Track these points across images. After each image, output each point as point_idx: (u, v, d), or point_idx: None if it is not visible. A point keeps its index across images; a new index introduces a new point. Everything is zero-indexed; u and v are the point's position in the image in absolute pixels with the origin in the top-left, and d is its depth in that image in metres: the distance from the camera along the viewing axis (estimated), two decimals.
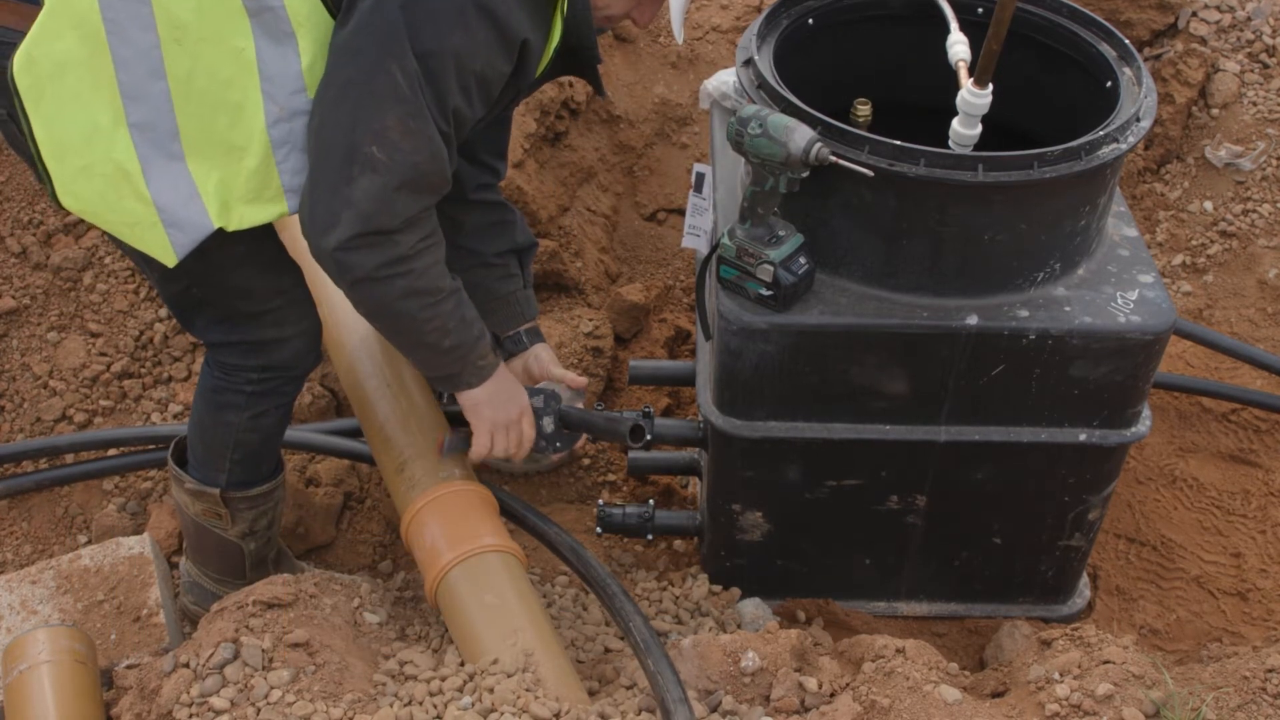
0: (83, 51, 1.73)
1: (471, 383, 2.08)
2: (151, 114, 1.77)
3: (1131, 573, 2.69)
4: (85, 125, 1.77)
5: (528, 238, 2.37)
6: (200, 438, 2.20)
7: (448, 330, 1.96)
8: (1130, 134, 1.99)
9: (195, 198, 1.82)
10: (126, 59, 1.74)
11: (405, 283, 1.86)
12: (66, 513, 2.78)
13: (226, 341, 2.08)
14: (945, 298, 2.05)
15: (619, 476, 2.90)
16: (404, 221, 1.81)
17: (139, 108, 1.77)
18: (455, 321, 1.97)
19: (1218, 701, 1.79)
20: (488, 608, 1.98)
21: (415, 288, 1.88)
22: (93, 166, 1.79)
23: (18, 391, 2.91)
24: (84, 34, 1.72)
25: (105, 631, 2.24)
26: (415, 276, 1.87)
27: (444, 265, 1.95)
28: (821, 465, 2.25)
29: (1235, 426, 2.87)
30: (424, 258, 1.87)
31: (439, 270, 1.92)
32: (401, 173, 1.77)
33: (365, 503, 2.79)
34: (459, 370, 2.05)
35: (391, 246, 1.82)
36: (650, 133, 3.51)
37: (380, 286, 1.85)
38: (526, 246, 2.37)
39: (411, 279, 1.87)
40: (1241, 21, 3.29)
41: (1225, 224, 3.10)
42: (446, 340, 1.97)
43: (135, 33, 1.72)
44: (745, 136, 1.92)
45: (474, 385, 2.08)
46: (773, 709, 1.89)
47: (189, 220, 1.83)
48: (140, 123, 1.77)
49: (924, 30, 2.20)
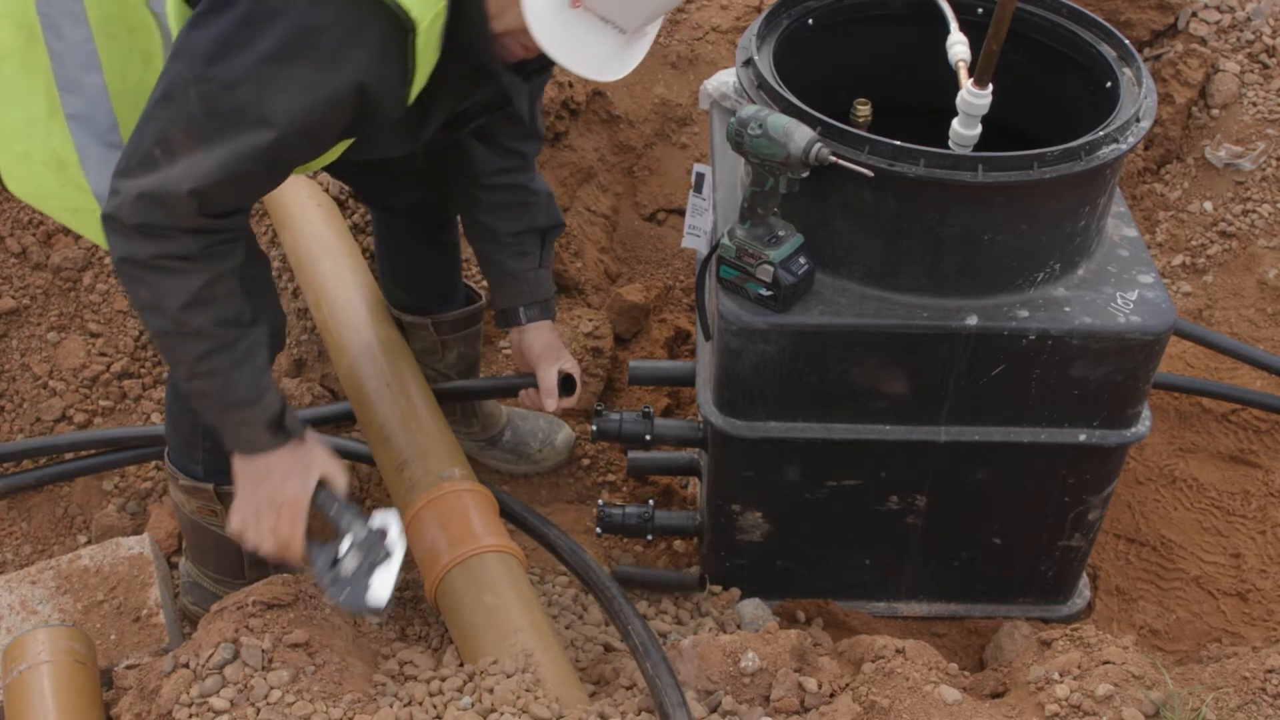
0: (17, 41, 1.75)
1: (233, 445, 1.88)
2: (88, 106, 1.79)
3: (1131, 573, 2.69)
4: (22, 114, 1.79)
5: (550, 219, 2.30)
6: (173, 426, 2.21)
7: (196, 373, 1.78)
8: (1130, 134, 1.99)
9: None
10: (60, 52, 1.76)
11: (146, 291, 1.71)
12: (66, 513, 2.78)
13: None
14: (945, 298, 2.05)
15: (619, 477, 2.90)
16: (138, 225, 1.65)
17: (75, 99, 1.79)
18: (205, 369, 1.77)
19: (1217, 702, 1.79)
20: (487, 608, 1.98)
21: (153, 303, 1.72)
22: (31, 154, 1.81)
23: (18, 391, 2.91)
24: (18, 24, 1.74)
25: (105, 631, 2.24)
26: (154, 290, 1.71)
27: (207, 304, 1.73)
28: (821, 465, 2.25)
29: (1235, 427, 2.87)
30: (162, 278, 1.70)
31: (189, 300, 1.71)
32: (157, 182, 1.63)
33: (365, 503, 2.79)
34: (213, 422, 1.86)
35: (128, 243, 1.68)
36: (650, 133, 3.51)
37: (126, 280, 1.73)
38: (548, 227, 2.30)
39: (152, 290, 1.71)
40: (1241, 22, 3.29)
41: (1225, 224, 3.10)
42: (192, 384, 1.81)
43: (68, 27, 1.74)
44: (745, 137, 1.92)
45: (234, 449, 1.88)
46: (772, 709, 1.89)
47: None
48: (77, 114, 1.79)
49: (924, 30, 2.20)
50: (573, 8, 1.65)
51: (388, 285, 2.58)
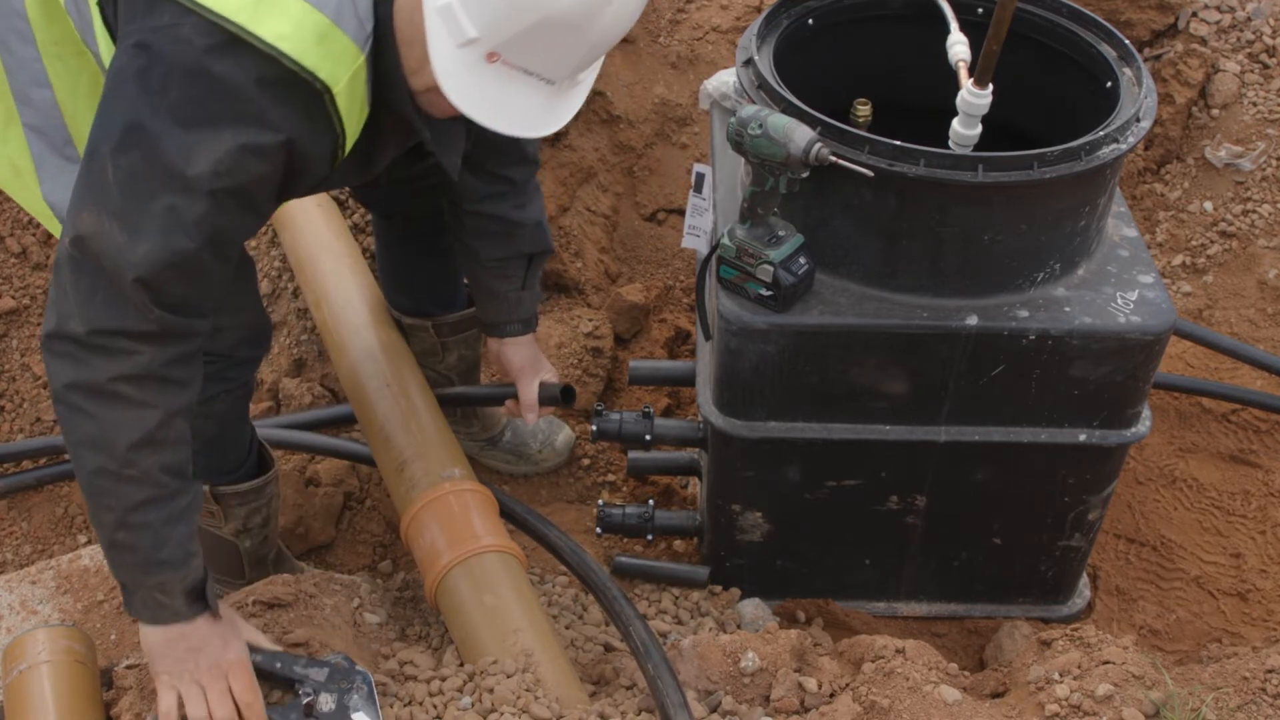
0: None
1: (142, 613, 1.69)
2: (42, 119, 1.81)
3: (1131, 573, 2.69)
4: None
5: (538, 246, 2.28)
6: None
7: (126, 524, 1.60)
8: (1130, 134, 1.99)
9: None
10: (12, 67, 1.79)
11: (91, 426, 1.56)
12: (66, 513, 2.78)
13: None
14: (945, 298, 2.05)
15: (619, 477, 2.90)
16: (90, 331, 1.52)
17: (30, 111, 1.81)
18: (138, 521, 1.60)
19: (1217, 702, 1.79)
20: (487, 608, 1.98)
21: (98, 439, 1.56)
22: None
23: (18, 391, 2.91)
24: None
25: (105, 631, 2.24)
26: (102, 425, 1.55)
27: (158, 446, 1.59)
28: (821, 465, 2.25)
29: (1235, 427, 2.86)
30: (114, 410, 1.55)
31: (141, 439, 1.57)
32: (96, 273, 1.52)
33: (365, 503, 2.79)
34: (128, 582, 1.68)
35: (81, 366, 1.53)
36: (650, 133, 3.51)
37: (67, 412, 1.56)
38: (534, 254, 2.29)
39: (99, 425, 1.55)
40: (1241, 22, 3.29)
41: (1225, 224, 3.10)
42: (119, 534, 1.62)
43: (16, 44, 1.77)
44: (745, 137, 1.92)
45: (143, 619, 1.69)
46: (772, 709, 1.89)
47: None
48: (33, 124, 1.81)
49: (924, 30, 2.19)
50: (489, 63, 1.53)
51: (388, 288, 2.58)
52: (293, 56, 1.49)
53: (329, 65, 1.52)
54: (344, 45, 1.53)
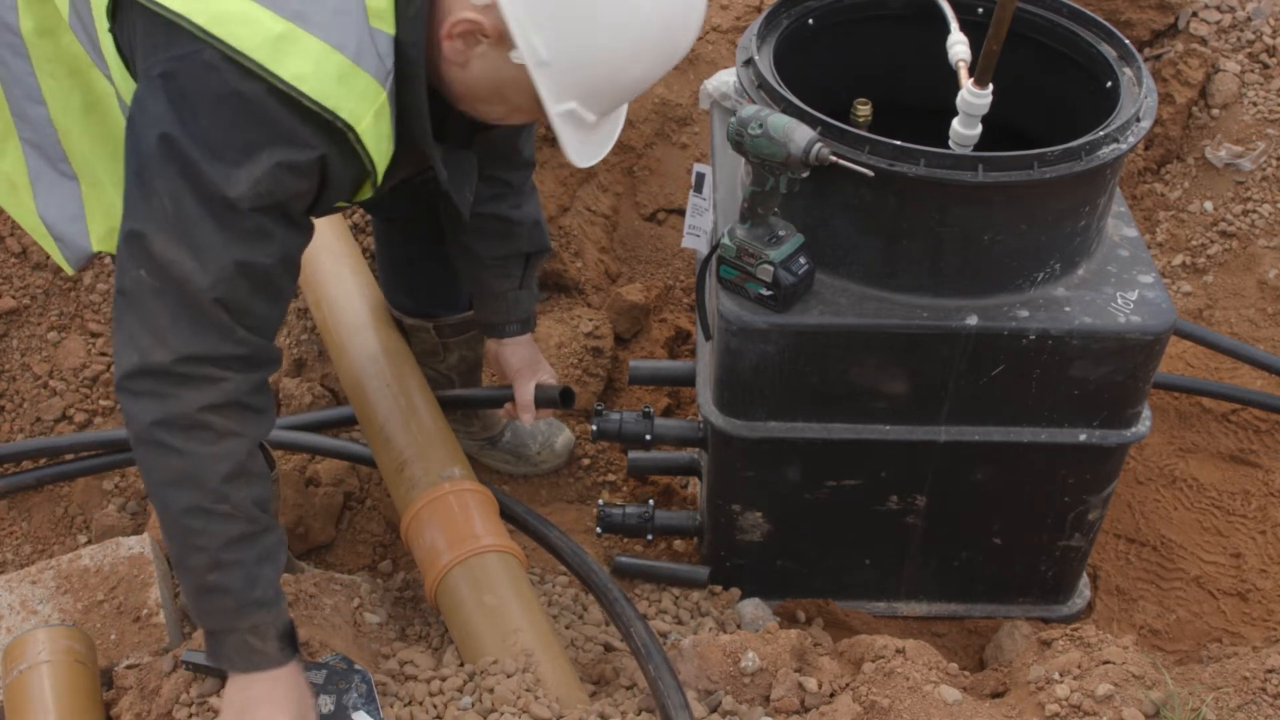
0: None
1: (234, 661, 1.65)
2: (38, 135, 1.82)
3: (1131, 573, 2.69)
4: None
5: (536, 244, 2.30)
6: None
7: (220, 563, 1.59)
8: (1130, 134, 1.99)
9: (79, 219, 1.86)
10: (8, 81, 1.79)
11: (178, 463, 1.55)
12: (66, 513, 2.78)
13: None
14: (945, 298, 2.05)
15: (619, 476, 2.90)
16: (177, 359, 1.53)
17: (27, 127, 1.82)
18: (232, 559, 1.59)
19: (1218, 702, 1.79)
20: (487, 608, 1.98)
21: (187, 475, 1.56)
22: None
23: (18, 391, 2.91)
24: None
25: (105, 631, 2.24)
26: (192, 461, 1.55)
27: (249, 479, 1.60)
28: (821, 465, 2.25)
29: (1235, 427, 2.86)
30: (203, 444, 1.55)
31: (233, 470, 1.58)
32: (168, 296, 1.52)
33: (365, 503, 2.79)
34: (219, 628, 1.65)
35: (168, 400, 1.53)
36: (650, 133, 3.50)
37: (154, 453, 1.55)
38: (532, 252, 2.32)
39: (188, 461, 1.55)
40: (1241, 21, 3.29)
41: (1225, 224, 3.10)
42: (212, 575, 1.60)
43: (11, 59, 1.77)
44: (745, 136, 1.92)
45: (235, 667, 1.66)
46: (773, 709, 1.89)
47: (71, 240, 1.87)
48: (31, 139, 1.82)
49: (924, 30, 2.19)
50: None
51: (389, 288, 2.58)
52: (313, 97, 1.48)
53: (350, 104, 1.52)
54: (365, 83, 1.53)
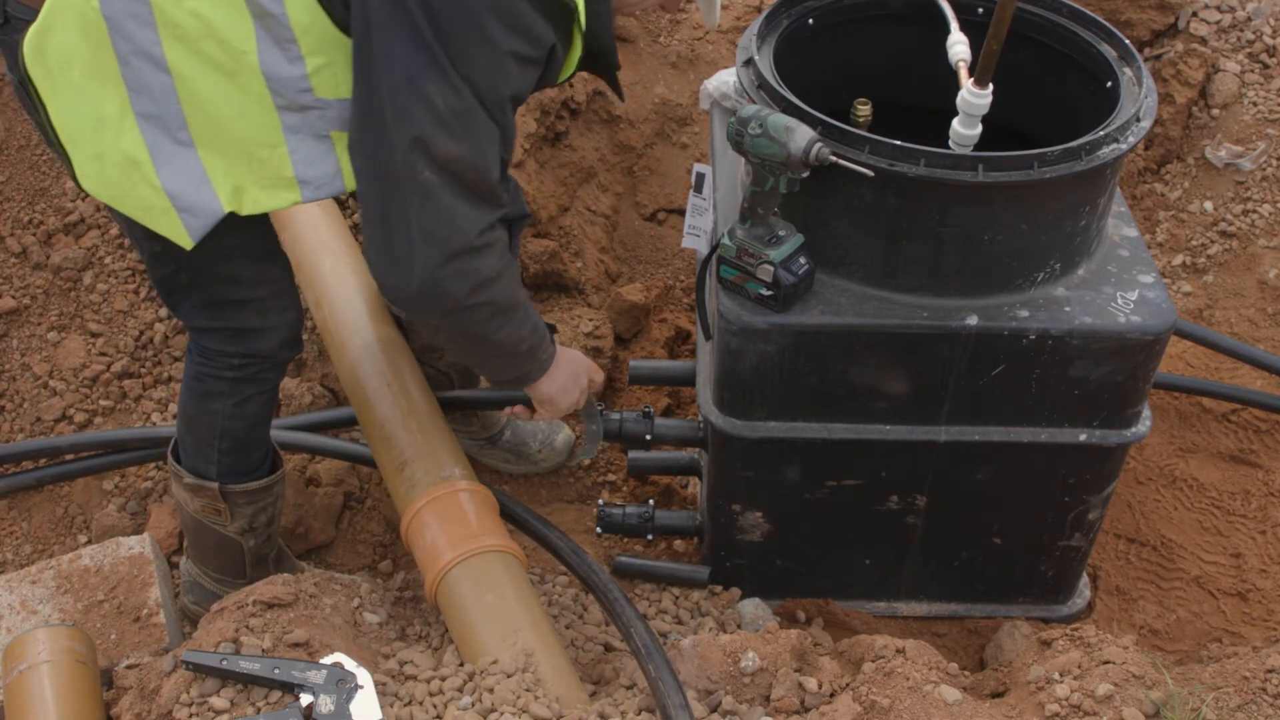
0: (86, 47, 1.75)
1: (536, 376, 2.10)
2: (157, 106, 1.79)
3: (1131, 573, 2.69)
4: (92, 116, 1.79)
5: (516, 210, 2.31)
6: (188, 428, 2.21)
7: (522, 338, 1.99)
8: (1130, 134, 1.99)
9: (205, 183, 1.83)
10: (127, 54, 1.75)
11: (490, 306, 1.87)
12: (66, 513, 2.78)
13: (210, 327, 2.09)
14: (945, 298, 2.05)
15: (619, 476, 2.90)
16: (479, 234, 1.79)
17: (144, 99, 1.78)
18: (528, 329, 1.99)
19: (1218, 702, 1.79)
20: (488, 608, 1.98)
21: (500, 306, 1.89)
22: (104, 155, 1.81)
23: (18, 391, 2.91)
24: (86, 29, 1.74)
25: (105, 631, 2.24)
26: (498, 294, 1.86)
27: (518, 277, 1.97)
28: (821, 465, 2.25)
29: (1235, 426, 2.87)
30: (504, 276, 1.87)
31: (515, 284, 1.93)
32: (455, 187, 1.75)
33: (365, 503, 2.79)
34: (528, 370, 2.08)
35: (474, 271, 1.81)
36: (650, 133, 3.51)
37: (471, 315, 1.86)
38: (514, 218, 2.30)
39: (496, 299, 1.87)
40: (1241, 21, 3.29)
41: (1225, 224, 3.10)
42: (522, 347, 2.01)
43: (134, 29, 1.73)
44: (745, 136, 1.92)
45: (538, 378, 2.11)
46: (773, 709, 1.89)
47: (200, 205, 1.84)
48: (147, 113, 1.79)
49: (924, 30, 2.20)
50: None
51: None
52: None
53: None
54: None
